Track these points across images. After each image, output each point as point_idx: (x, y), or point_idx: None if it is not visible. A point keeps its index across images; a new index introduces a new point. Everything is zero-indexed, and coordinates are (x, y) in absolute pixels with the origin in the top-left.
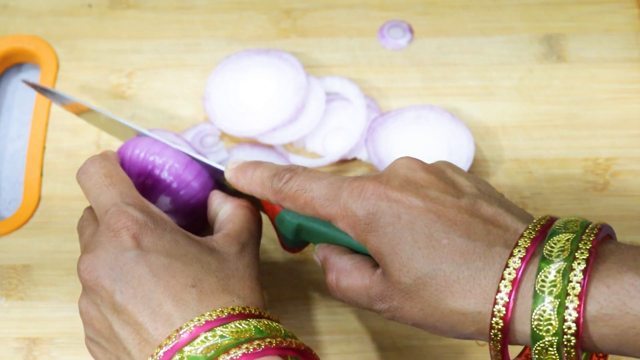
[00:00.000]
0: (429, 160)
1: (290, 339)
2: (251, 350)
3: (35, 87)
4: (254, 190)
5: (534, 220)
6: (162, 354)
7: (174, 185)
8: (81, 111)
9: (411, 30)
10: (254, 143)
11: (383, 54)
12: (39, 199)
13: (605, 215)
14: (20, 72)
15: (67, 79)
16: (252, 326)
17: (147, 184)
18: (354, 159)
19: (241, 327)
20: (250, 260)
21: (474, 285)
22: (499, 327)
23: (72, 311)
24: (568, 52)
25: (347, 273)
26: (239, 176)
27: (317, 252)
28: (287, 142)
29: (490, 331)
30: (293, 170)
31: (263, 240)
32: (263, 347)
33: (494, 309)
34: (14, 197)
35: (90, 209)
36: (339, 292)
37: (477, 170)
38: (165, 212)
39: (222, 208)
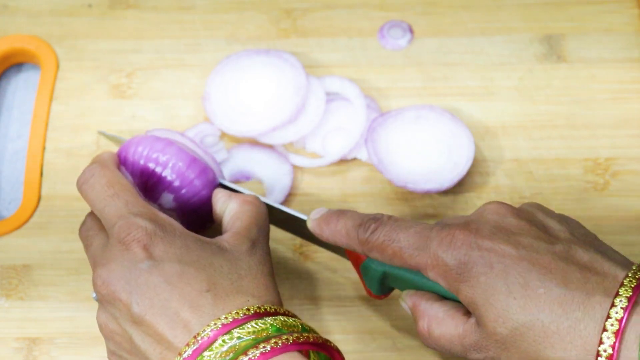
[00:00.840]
0: (429, 159)
1: (307, 334)
2: (268, 349)
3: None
4: (339, 241)
5: (634, 266)
6: None
7: (177, 183)
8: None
9: (411, 30)
10: (254, 143)
11: (383, 54)
12: (39, 198)
13: (605, 215)
14: (20, 72)
15: (67, 79)
16: (268, 324)
17: (150, 181)
18: (354, 159)
19: (258, 327)
20: (261, 256)
21: (574, 337)
22: None
23: (72, 311)
24: (568, 52)
25: (439, 321)
26: (322, 227)
27: (404, 299)
28: (287, 142)
29: None
30: (378, 219)
31: None
32: (280, 344)
33: None
34: (14, 197)
35: (92, 215)
36: (431, 340)
37: (477, 170)
38: (169, 209)
39: (228, 206)
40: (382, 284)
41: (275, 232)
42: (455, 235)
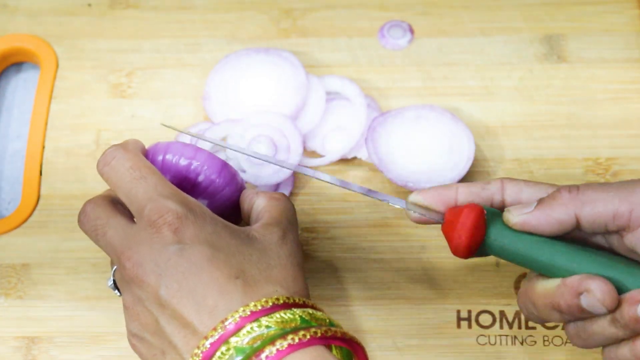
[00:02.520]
0: (429, 159)
1: (335, 329)
2: (297, 340)
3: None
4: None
5: None
6: (208, 345)
7: (210, 189)
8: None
9: (411, 30)
10: None
11: (383, 53)
12: (38, 198)
13: None
14: (20, 72)
15: (66, 79)
16: (297, 316)
17: (184, 188)
18: (354, 158)
19: (286, 317)
20: (292, 248)
21: None
22: None
23: (71, 310)
24: (568, 52)
25: None
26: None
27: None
28: None
29: None
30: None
31: None
32: (309, 337)
33: None
34: (14, 196)
35: (93, 203)
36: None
37: (477, 170)
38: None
39: (256, 202)
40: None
41: None
42: None
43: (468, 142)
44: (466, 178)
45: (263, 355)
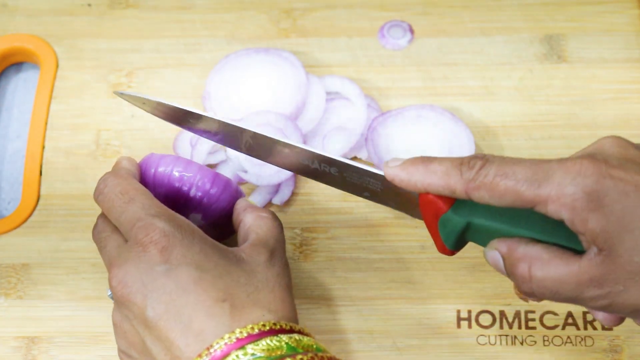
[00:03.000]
0: None
1: (322, 354)
2: None
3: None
4: (433, 184)
5: None
6: None
7: (205, 200)
8: (154, 107)
9: (411, 30)
10: None
11: (383, 53)
12: (38, 198)
13: None
14: (19, 72)
15: (66, 79)
16: (283, 343)
17: (177, 202)
18: (354, 158)
19: (272, 344)
20: (280, 269)
21: None
22: None
23: (71, 310)
24: (568, 52)
25: (544, 262)
26: (410, 171)
27: (497, 245)
28: None
29: None
30: (483, 157)
31: None
32: None
33: None
34: (14, 196)
35: (103, 217)
36: (533, 283)
37: None
38: (198, 226)
39: (243, 219)
40: (460, 238)
41: None
42: (583, 164)
43: (468, 142)
44: None
45: None
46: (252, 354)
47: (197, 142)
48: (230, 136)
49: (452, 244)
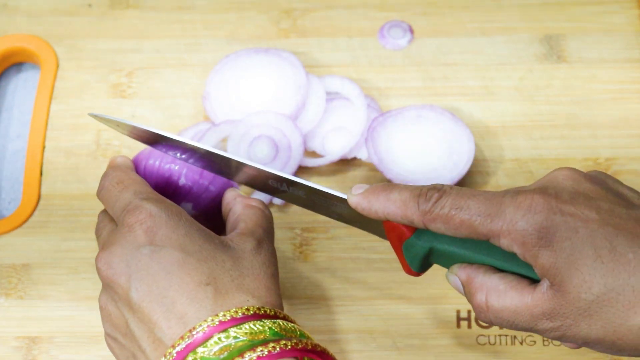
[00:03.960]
0: (429, 158)
1: (306, 340)
2: (266, 353)
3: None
4: (391, 213)
5: None
6: (175, 354)
7: (194, 189)
8: (131, 131)
9: (411, 30)
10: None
11: (383, 54)
12: (39, 198)
13: None
14: (20, 72)
15: (67, 79)
16: (266, 327)
17: (167, 192)
18: (354, 158)
19: (255, 329)
20: (266, 257)
21: None
22: None
23: (71, 310)
24: (568, 52)
25: (500, 292)
26: (371, 200)
27: (456, 272)
28: None
29: None
30: (440, 189)
31: None
32: (278, 349)
33: None
34: (14, 196)
35: (104, 212)
36: (490, 313)
37: (477, 170)
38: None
39: (233, 208)
40: (425, 260)
41: (275, 232)
42: (534, 200)
43: (468, 142)
44: (466, 178)
45: None
46: (235, 337)
47: (199, 142)
48: (202, 158)
49: (417, 267)
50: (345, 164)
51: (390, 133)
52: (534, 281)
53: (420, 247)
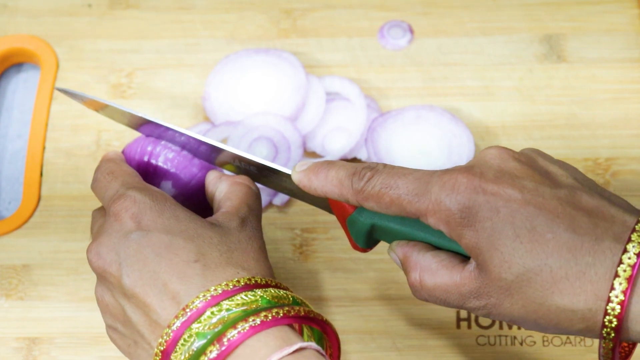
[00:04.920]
0: (428, 159)
1: (298, 307)
2: (258, 322)
3: (61, 90)
4: (329, 192)
5: None
6: (171, 334)
7: (172, 170)
8: (99, 107)
9: (411, 30)
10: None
11: (383, 54)
12: (39, 198)
13: None
14: (20, 72)
15: (67, 79)
16: (258, 296)
17: (148, 175)
18: (354, 159)
19: (247, 299)
20: (251, 232)
21: (584, 282)
22: (613, 325)
23: (71, 311)
24: (568, 52)
25: (432, 272)
26: (311, 177)
27: (394, 250)
28: None
29: (603, 329)
30: (373, 168)
31: None
32: (270, 318)
33: (607, 308)
34: (14, 197)
35: (97, 210)
36: (424, 291)
37: None
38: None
39: (218, 187)
40: (369, 237)
41: (275, 232)
42: (458, 180)
43: (468, 143)
44: None
45: (225, 339)
46: (228, 309)
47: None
48: (176, 138)
49: (362, 243)
50: None
51: (390, 133)
52: (467, 258)
53: (362, 224)
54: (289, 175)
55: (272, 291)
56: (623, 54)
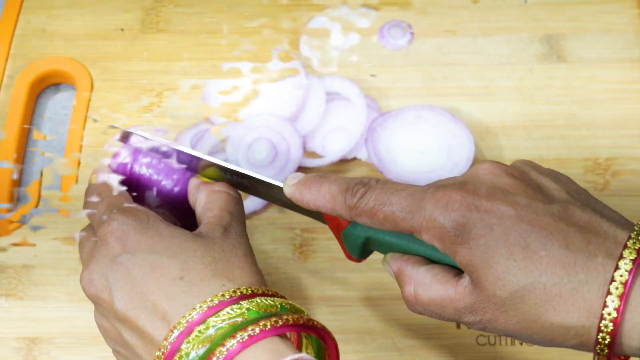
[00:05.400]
0: (428, 159)
1: (287, 315)
2: (246, 337)
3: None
4: (322, 206)
5: (635, 227)
6: (162, 357)
7: (154, 178)
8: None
9: (411, 31)
10: None
11: (383, 53)
12: (39, 199)
13: None
14: (57, 92)
15: (100, 99)
16: (244, 309)
17: (132, 184)
18: (354, 159)
19: (233, 313)
20: (235, 240)
21: (577, 299)
22: (606, 342)
23: (71, 311)
24: (568, 52)
25: (427, 286)
26: (303, 191)
27: (389, 263)
28: None
29: (596, 346)
30: (366, 184)
31: (262, 241)
32: (258, 331)
33: (601, 325)
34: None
35: (84, 235)
36: (419, 305)
37: None
38: (157, 207)
39: (197, 198)
40: (363, 248)
41: (275, 232)
42: (451, 197)
43: (468, 143)
44: None
45: (214, 359)
46: (214, 326)
47: (197, 143)
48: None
49: (357, 254)
50: (345, 164)
51: (390, 133)
52: (461, 272)
53: (357, 237)
54: (280, 188)
55: (259, 301)
56: (623, 54)
